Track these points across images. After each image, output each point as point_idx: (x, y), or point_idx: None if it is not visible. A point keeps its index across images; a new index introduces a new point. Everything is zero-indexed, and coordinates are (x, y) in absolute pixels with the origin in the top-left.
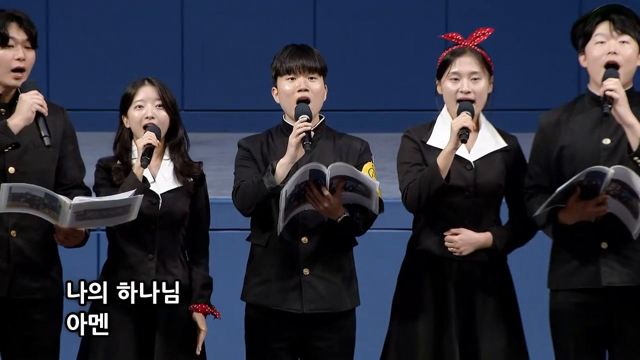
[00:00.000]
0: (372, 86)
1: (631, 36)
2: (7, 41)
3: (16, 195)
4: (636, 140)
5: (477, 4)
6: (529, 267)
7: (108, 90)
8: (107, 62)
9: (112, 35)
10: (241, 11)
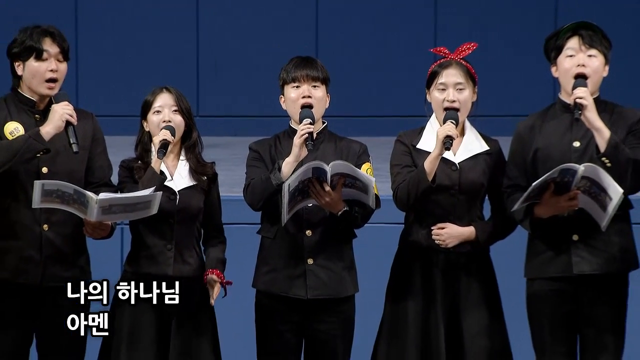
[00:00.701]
0: (369, 95)
1: (598, 50)
2: (42, 54)
3: (48, 192)
4: (603, 142)
5: (462, 23)
6: (508, 258)
7: (131, 98)
8: (129, 73)
9: (134, 49)
10: (250, 26)
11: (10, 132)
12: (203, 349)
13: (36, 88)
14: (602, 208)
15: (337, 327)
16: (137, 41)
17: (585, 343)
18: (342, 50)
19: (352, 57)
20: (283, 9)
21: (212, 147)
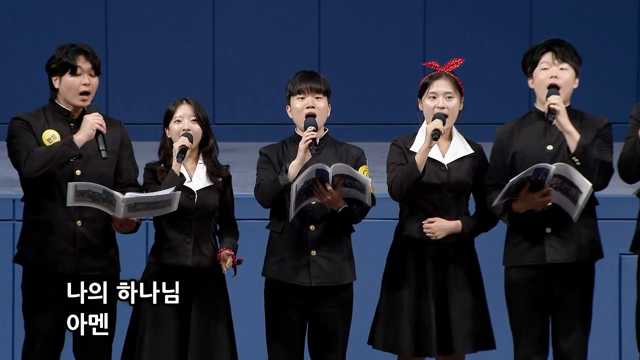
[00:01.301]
0: (366, 105)
1: (569, 64)
2: (76, 70)
3: (80, 192)
4: (574, 143)
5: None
6: (490, 248)
7: (155, 108)
8: (154, 85)
9: (158, 64)
10: (260, 45)
11: (48, 138)
12: (219, 330)
13: (71, 100)
14: (573, 202)
15: (337, 311)
16: (161, 57)
17: (556, 324)
18: (341, 66)
19: (350, 71)
20: (289, 29)
21: (227, 152)
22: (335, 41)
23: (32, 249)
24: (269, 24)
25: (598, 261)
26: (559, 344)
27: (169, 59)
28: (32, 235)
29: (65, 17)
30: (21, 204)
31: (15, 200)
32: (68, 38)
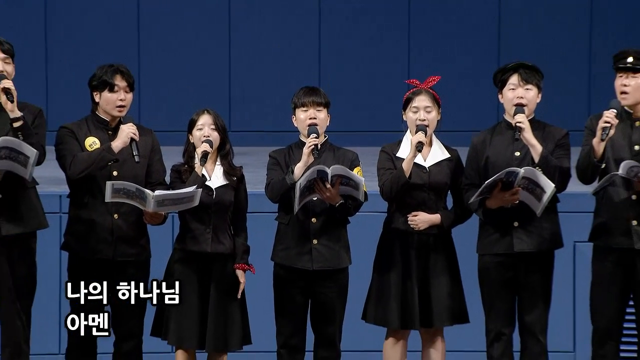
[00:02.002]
0: (360, 115)
1: (533, 84)
2: (114, 88)
3: (116, 190)
4: (537, 155)
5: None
6: (465, 238)
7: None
8: (180, 98)
9: (184, 81)
10: (269, 63)
11: (90, 144)
12: (233, 307)
13: (109, 112)
14: (538, 200)
15: (335, 291)
16: (185, 74)
17: (521, 302)
18: (338, 82)
19: (346, 87)
20: (294, 49)
21: (241, 155)
22: (333, 61)
23: (76, 239)
24: (276, 46)
25: (558, 249)
26: (523, 318)
27: (191, 75)
28: (76, 227)
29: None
30: (67, 200)
31: (62, 197)
32: (107, 58)
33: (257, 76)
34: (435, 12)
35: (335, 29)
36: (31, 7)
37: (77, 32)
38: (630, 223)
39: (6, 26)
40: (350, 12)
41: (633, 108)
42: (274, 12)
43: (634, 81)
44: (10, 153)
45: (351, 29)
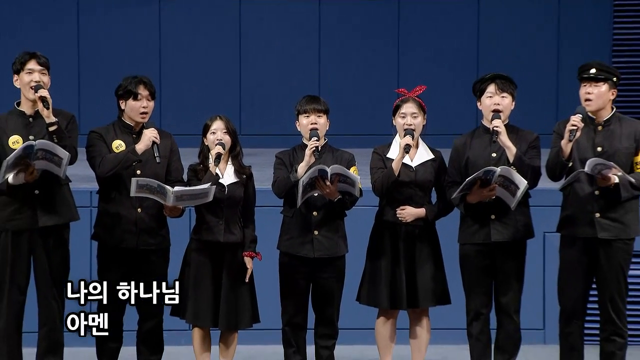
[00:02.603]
0: (355, 120)
1: (508, 93)
2: (137, 96)
3: (140, 186)
4: (512, 156)
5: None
6: (448, 229)
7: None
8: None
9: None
10: (275, 73)
11: (116, 147)
12: (243, 290)
13: (133, 118)
14: (512, 195)
15: (333, 275)
16: (200, 84)
17: (497, 285)
18: (337, 90)
19: (343, 95)
20: (297, 62)
21: (250, 155)
22: (332, 73)
23: (104, 230)
24: (280, 59)
25: (530, 239)
26: (499, 299)
27: (206, 85)
28: (104, 220)
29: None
30: (96, 195)
31: (92, 193)
32: (131, 70)
33: (264, 86)
34: (422, 32)
35: (334, 46)
36: (66, 26)
37: (105, 47)
38: (593, 215)
39: (44, 42)
40: (346, 31)
41: (596, 114)
42: (279, 30)
43: (596, 90)
44: (46, 154)
45: (347, 46)
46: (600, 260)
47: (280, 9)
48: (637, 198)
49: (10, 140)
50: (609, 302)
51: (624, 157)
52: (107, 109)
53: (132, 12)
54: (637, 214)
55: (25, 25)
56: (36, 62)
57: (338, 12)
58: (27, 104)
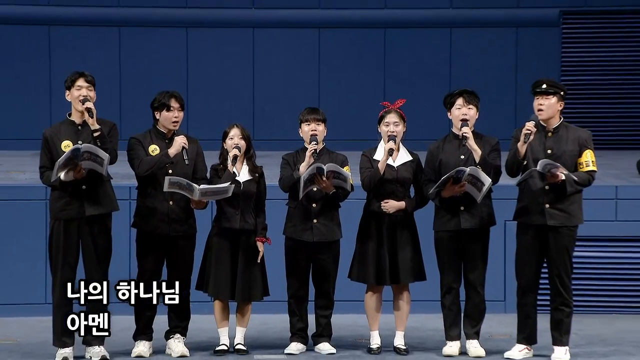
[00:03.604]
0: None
1: (473, 104)
2: (170, 108)
3: (172, 183)
4: (478, 157)
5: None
6: (424, 219)
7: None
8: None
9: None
10: (283, 88)
11: (152, 150)
12: (255, 268)
13: (166, 126)
14: (478, 190)
15: (330, 257)
16: (222, 98)
17: (466, 265)
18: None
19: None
20: (300, 80)
21: (261, 157)
22: (329, 90)
23: (142, 219)
24: (286, 77)
25: (493, 226)
26: (467, 276)
27: (225, 98)
28: (142, 211)
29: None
30: (135, 190)
31: (131, 188)
32: (164, 86)
33: (273, 99)
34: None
35: (331, 66)
36: (109, 49)
37: (142, 66)
38: (544, 206)
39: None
40: (341, 53)
41: (546, 122)
42: (285, 53)
43: (547, 102)
44: (90, 156)
45: (342, 66)
46: (549, 244)
47: (286, 35)
48: (580, 192)
49: (62, 145)
50: (557, 279)
51: (569, 158)
52: (143, 118)
53: (164, 36)
54: (580, 206)
55: (75, 48)
56: (84, 80)
57: (334, 38)
58: (76, 114)
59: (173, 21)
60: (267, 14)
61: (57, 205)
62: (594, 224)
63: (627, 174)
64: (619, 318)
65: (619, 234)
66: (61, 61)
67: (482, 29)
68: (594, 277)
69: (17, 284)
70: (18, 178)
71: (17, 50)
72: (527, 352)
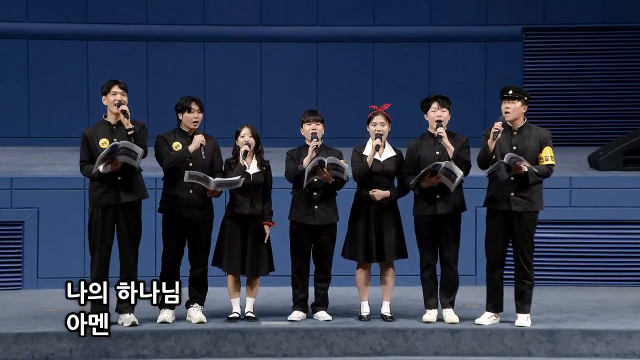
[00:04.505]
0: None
1: (446, 108)
2: (191, 110)
3: (191, 175)
4: (451, 153)
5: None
6: (406, 205)
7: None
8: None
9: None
10: (285, 94)
11: (175, 147)
12: (263, 247)
13: (188, 126)
14: (452, 181)
15: (329, 238)
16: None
17: (441, 244)
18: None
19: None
20: (301, 87)
21: (269, 152)
22: (326, 93)
23: (167, 205)
24: (289, 84)
25: (464, 212)
26: (443, 254)
27: (237, 102)
28: (167, 198)
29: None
30: (161, 181)
31: (157, 179)
32: (186, 91)
33: (278, 103)
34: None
35: (328, 74)
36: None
37: (166, 75)
38: (509, 194)
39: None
40: (336, 64)
41: (512, 123)
42: (288, 64)
43: (513, 105)
44: (126, 151)
45: (337, 75)
46: (514, 227)
47: (289, 49)
48: (541, 182)
49: (100, 142)
50: (520, 256)
51: (531, 154)
52: (168, 119)
53: (185, 49)
54: (541, 194)
55: (109, 60)
56: (118, 86)
57: (330, 51)
58: (111, 116)
59: (192, 36)
60: (273, 30)
61: (96, 193)
62: (552, 210)
63: (580, 167)
64: (573, 290)
65: (573, 217)
66: (97, 71)
67: (456, 43)
68: (552, 254)
69: (60, 260)
70: (60, 170)
71: (59, 62)
72: (494, 318)
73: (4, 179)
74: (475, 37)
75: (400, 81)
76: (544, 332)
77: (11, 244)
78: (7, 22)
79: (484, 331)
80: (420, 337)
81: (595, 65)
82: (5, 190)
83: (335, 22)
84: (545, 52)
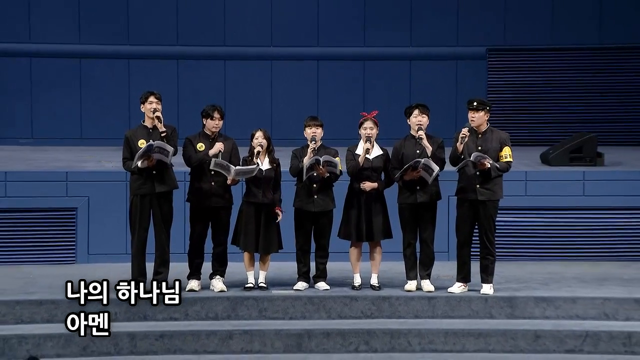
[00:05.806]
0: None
1: (426, 114)
2: (213, 117)
3: (216, 164)
4: (429, 152)
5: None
6: (392, 195)
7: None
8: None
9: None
10: (293, 102)
11: (199, 147)
12: (273, 228)
13: (211, 130)
14: (429, 175)
15: (327, 221)
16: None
17: (420, 227)
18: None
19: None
20: (304, 97)
21: (278, 151)
22: (325, 103)
23: (193, 195)
24: (295, 95)
25: (439, 200)
26: (422, 235)
27: (252, 110)
28: (193, 189)
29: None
30: (188, 175)
31: (185, 173)
32: (209, 100)
33: (286, 110)
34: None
35: (327, 87)
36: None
37: (193, 87)
38: (475, 186)
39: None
40: (334, 79)
41: (477, 128)
42: (294, 78)
43: (477, 114)
44: (160, 150)
45: (334, 87)
46: (479, 213)
47: (294, 66)
48: (501, 176)
49: (138, 142)
50: (484, 236)
51: (494, 153)
52: (194, 124)
53: (210, 66)
54: (501, 185)
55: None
56: (154, 97)
57: (328, 68)
58: (148, 121)
59: (215, 55)
60: (281, 50)
61: (136, 184)
62: (511, 198)
63: (534, 163)
64: (528, 264)
65: (528, 205)
66: (136, 83)
67: (432, 61)
68: (511, 235)
69: (106, 240)
70: (107, 166)
71: (104, 78)
72: (463, 288)
73: (60, 173)
74: (448, 56)
75: (387, 92)
76: (504, 299)
77: (67, 226)
78: (64, 44)
79: (455, 298)
80: (402, 303)
81: (547, 80)
82: (62, 182)
83: (333, 43)
84: (506, 69)
